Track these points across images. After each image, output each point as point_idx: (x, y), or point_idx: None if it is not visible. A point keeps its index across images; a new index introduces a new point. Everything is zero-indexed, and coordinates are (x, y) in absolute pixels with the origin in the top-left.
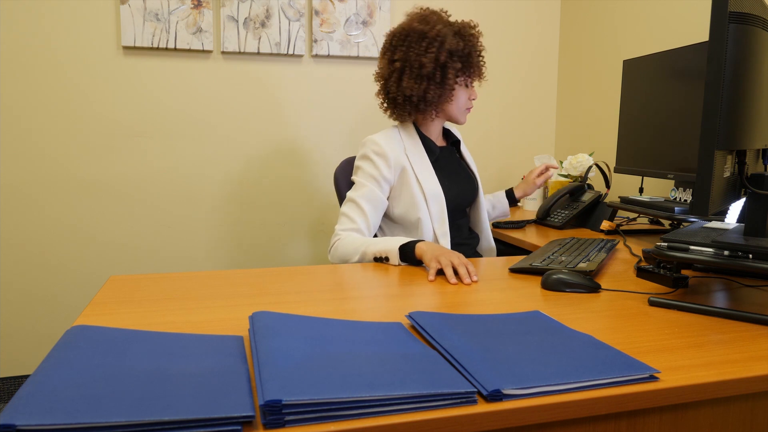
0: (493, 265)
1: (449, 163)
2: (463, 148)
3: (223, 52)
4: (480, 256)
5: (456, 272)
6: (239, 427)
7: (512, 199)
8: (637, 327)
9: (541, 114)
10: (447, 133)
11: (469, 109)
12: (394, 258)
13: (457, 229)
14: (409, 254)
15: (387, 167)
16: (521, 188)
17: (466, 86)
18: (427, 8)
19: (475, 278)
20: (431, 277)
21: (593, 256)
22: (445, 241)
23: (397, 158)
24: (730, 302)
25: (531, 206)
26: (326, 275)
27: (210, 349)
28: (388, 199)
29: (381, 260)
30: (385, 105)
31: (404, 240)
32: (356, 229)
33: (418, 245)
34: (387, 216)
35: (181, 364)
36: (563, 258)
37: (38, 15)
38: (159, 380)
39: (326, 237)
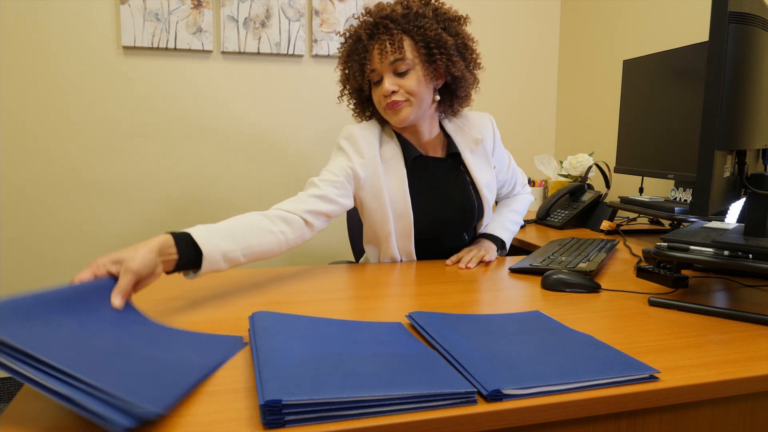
0: (493, 265)
1: (434, 178)
2: (472, 162)
3: (223, 52)
4: None
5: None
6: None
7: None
8: (637, 327)
9: (541, 114)
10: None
11: (389, 105)
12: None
13: (443, 252)
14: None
15: (360, 162)
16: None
17: (376, 84)
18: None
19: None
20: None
21: (593, 256)
22: (410, 260)
23: (373, 158)
24: (730, 302)
25: (531, 206)
26: (326, 275)
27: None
28: (360, 198)
29: None
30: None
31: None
32: (280, 207)
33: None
34: (363, 220)
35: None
36: (563, 258)
37: (38, 15)
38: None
39: (326, 237)
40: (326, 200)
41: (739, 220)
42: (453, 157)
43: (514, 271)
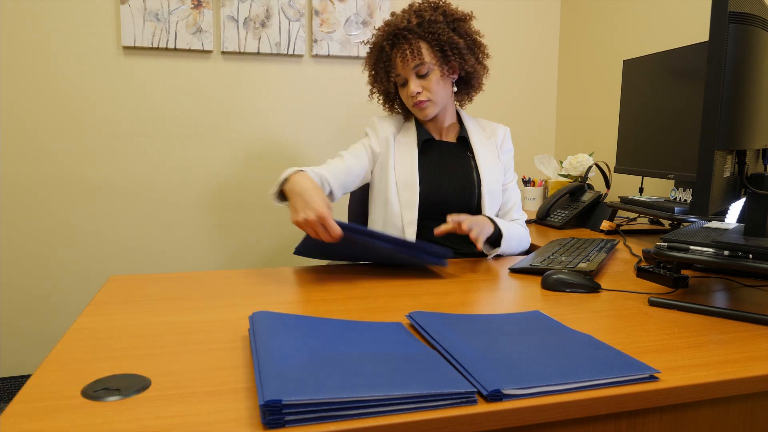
0: (493, 265)
1: (442, 158)
2: (479, 149)
3: (223, 52)
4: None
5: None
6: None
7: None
8: (637, 327)
9: (541, 114)
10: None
11: (416, 104)
12: (276, 186)
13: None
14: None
15: (376, 141)
16: None
17: (402, 85)
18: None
19: (335, 233)
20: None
21: (593, 256)
22: (411, 229)
23: (386, 137)
24: (730, 302)
25: (531, 206)
26: (326, 275)
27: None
28: (373, 173)
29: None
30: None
31: (295, 170)
32: (320, 170)
33: (291, 179)
34: (371, 193)
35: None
36: (563, 258)
37: (38, 15)
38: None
39: None
40: (342, 170)
41: (739, 220)
42: (462, 142)
43: (514, 271)
